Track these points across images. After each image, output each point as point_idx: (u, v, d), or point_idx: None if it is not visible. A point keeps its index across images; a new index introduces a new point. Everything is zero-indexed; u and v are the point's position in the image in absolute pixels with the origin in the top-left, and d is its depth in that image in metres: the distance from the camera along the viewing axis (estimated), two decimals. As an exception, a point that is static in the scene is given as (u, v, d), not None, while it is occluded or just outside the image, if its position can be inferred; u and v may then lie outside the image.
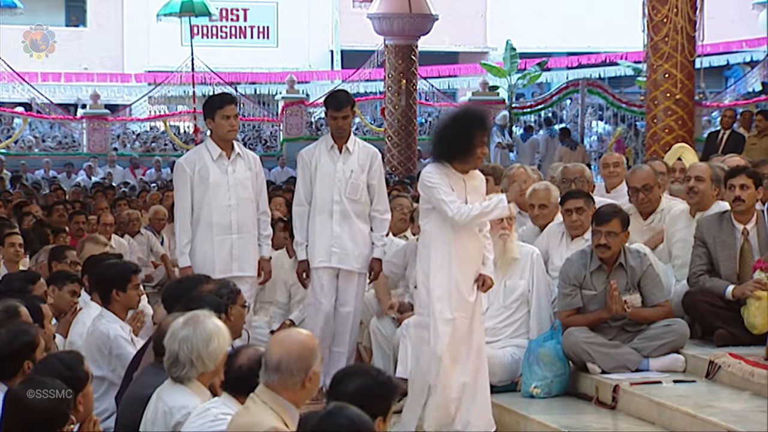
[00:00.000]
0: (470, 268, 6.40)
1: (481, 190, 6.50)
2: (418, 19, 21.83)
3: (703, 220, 7.41)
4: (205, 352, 4.66)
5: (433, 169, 6.44)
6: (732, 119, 16.35)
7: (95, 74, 30.58)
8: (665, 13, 13.21)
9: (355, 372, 3.98)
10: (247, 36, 32.46)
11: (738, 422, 5.71)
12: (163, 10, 26.44)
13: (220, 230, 7.45)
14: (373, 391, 3.88)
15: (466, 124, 6.39)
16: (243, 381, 4.36)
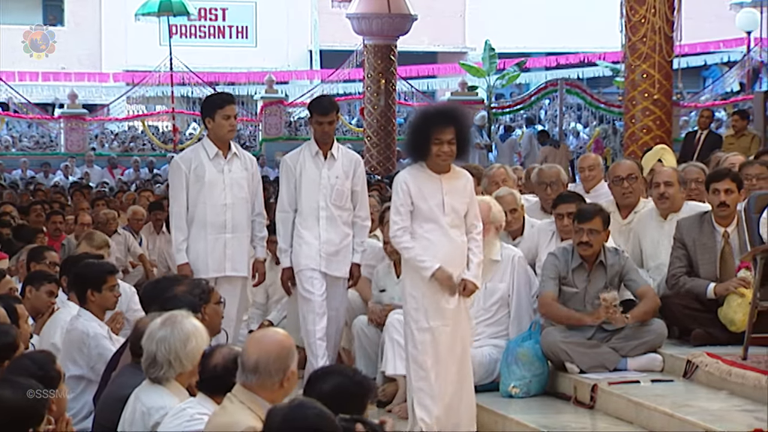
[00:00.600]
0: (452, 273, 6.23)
1: (467, 191, 6.34)
2: (397, 19, 21.84)
3: (684, 222, 7.41)
4: (182, 352, 4.65)
5: (402, 176, 6.36)
6: (709, 119, 16.40)
7: (73, 74, 30.46)
8: (643, 14, 13.26)
9: (331, 371, 3.99)
10: (226, 36, 32.41)
11: (716, 421, 5.73)
12: (141, 9, 26.37)
13: (214, 229, 7.41)
14: (348, 390, 3.89)
15: (420, 123, 6.32)
16: (218, 381, 4.36)
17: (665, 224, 7.71)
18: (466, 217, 6.34)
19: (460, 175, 6.38)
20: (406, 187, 6.26)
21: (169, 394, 4.66)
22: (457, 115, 6.36)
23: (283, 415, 3.60)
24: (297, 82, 30.70)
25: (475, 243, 6.36)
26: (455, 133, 6.22)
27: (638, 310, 6.93)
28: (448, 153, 6.21)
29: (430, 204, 6.24)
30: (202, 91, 27.40)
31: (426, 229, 6.24)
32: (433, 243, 6.22)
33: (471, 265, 6.31)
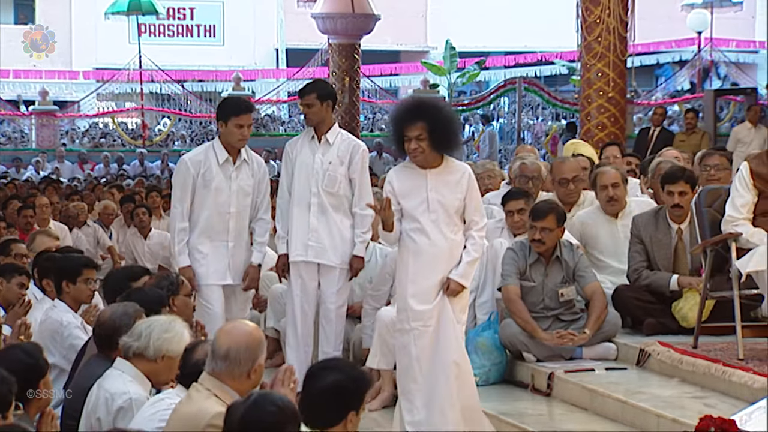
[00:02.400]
0: (432, 274, 5.92)
1: (461, 186, 5.95)
2: (361, 19, 21.81)
3: (639, 219, 7.44)
4: (156, 335, 4.69)
5: (389, 175, 6.11)
6: (662, 117, 16.50)
7: (43, 71, 30.22)
8: (598, 14, 13.32)
9: (329, 367, 3.96)
10: (194, 34, 32.25)
11: (667, 407, 5.77)
12: (110, 8, 26.22)
13: (216, 236, 7.06)
14: (346, 386, 3.87)
15: (392, 121, 6.06)
16: (198, 375, 4.34)
17: (617, 222, 7.75)
18: (464, 214, 6.00)
19: (454, 169, 6.00)
20: (390, 187, 6.00)
21: (132, 380, 4.69)
22: (426, 108, 5.94)
23: (242, 412, 3.60)
24: (263, 80, 30.59)
25: (472, 241, 5.99)
26: (426, 128, 5.85)
27: (592, 320, 6.92)
28: (417, 150, 5.88)
29: (413, 201, 5.95)
30: (171, 88, 27.29)
31: (411, 228, 5.95)
32: (415, 242, 5.93)
33: (461, 263, 5.95)
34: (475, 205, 6.03)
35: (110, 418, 4.64)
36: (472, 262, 5.99)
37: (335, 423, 3.82)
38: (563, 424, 6.12)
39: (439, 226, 5.93)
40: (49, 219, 11.16)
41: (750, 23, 32.25)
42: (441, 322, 5.92)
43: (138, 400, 4.61)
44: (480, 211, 6.07)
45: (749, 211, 6.24)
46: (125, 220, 12.04)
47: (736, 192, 6.28)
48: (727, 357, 6.21)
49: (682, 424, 5.22)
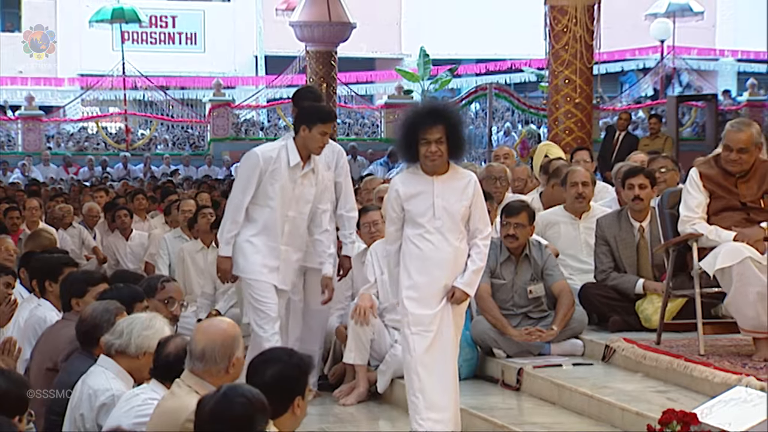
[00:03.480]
0: (435, 280, 5.66)
1: (467, 193, 5.66)
2: (338, 27, 21.80)
3: (603, 220, 7.48)
4: (137, 332, 4.69)
5: (394, 181, 5.83)
6: (627, 122, 16.57)
7: (29, 78, 30.04)
8: (565, 23, 13.36)
9: (268, 359, 3.98)
10: (176, 42, 32.12)
11: (631, 401, 5.78)
12: (94, 16, 26.17)
13: (271, 237, 6.70)
14: (287, 374, 3.89)
15: (407, 123, 5.70)
16: (170, 367, 4.35)
17: (580, 223, 7.78)
18: (468, 222, 5.72)
19: (460, 176, 5.71)
20: (396, 193, 5.70)
21: (115, 377, 4.68)
22: (446, 112, 5.68)
23: (211, 405, 3.59)
24: (243, 86, 30.52)
25: (476, 249, 5.71)
26: (444, 132, 5.58)
27: (559, 317, 6.94)
28: (436, 153, 5.58)
29: (419, 207, 5.66)
30: (153, 94, 27.21)
31: (415, 233, 5.65)
32: (419, 248, 5.65)
33: (466, 271, 5.69)
34: (480, 212, 5.74)
35: (93, 414, 4.63)
36: (477, 271, 5.71)
37: (283, 411, 3.84)
38: (532, 418, 6.12)
39: (443, 233, 5.65)
40: (39, 221, 11.11)
41: (710, 32, 32.43)
42: (442, 328, 5.65)
43: (120, 396, 4.58)
44: (484, 220, 5.77)
45: (703, 210, 6.28)
46: (108, 224, 11.99)
47: (688, 195, 6.33)
48: (689, 353, 6.23)
49: (646, 417, 5.22)
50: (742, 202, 6.25)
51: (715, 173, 6.30)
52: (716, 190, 6.27)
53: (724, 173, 6.28)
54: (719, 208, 6.26)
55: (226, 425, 3.55)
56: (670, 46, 27.95)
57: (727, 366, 5.87)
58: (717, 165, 6.32)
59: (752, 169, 6.27)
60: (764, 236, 6.04)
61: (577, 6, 13.34)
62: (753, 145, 6.19)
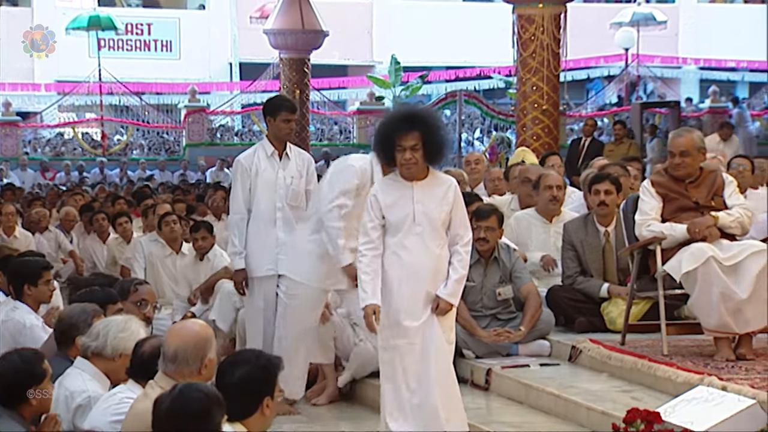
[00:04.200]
0: (417, 289, 5.45)
1: (447, 199, 5.46)
2: (310, 35, 21.76)
3: (570, 225, 7.53)
4: (113, 334, 4.68)
5: (374, 188, 5.64)
6: (593, 128, 16.63)
7: (7, 84, 29.82)
8: (533, 32, 13.40)
9: (237, 360, 3.97)
10: (151, 49, 31.95)
11: (596, 401, 5.80)
12: (71, 24, 26.03)
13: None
14: (255, 375, 3.88)
15: (383, 130, 5.53)
16: (145, 367, 4.36)
17: (551, 227, 7.81)
18: (449, 228, 5.52)
19: (440, 181, 5.51)
20: (374, 199, 5.51)
21: (91, 379, 4.68)
22: (422, 118, 5.45)
23: (168, 403, 3.59)
24: (218, 92, 30.41)
25: (458, 257, 5.49)
26: (420, 138, 5.36)
27: (527, 319, 6.97)
28: (410, 160, 5.37)
29: (399, 214, 5.46)
30: (129, 100, 27.09)
31: (395, 241, 5.45)
32: (399, 257, 5.44)
33: (449, 281, 5.46)
34: (461, 218, 5.54)
35: (69, 416, 4.62)
36: (460, 280, 5.50)
37: (252, 412, 3.84)
38: (500, 417, 6.13)
39: (424, 239, 5.44)
40: (15, 226, 11.02)
41: (674, 40, 32.60)
42: (427, 340, 5.42)
43: (96, 398, 4.58)
44: (465, 225, 5.57)
45: (657, 213, 6.37)
46: (85, 227, 11.92)
47: (642, 202, 6.44)
48: (653, 353, 6.26)
49: (611, 416, 5.24)
50: (694, 201, 6.37)
51: (666, 180, 6.45)
52: (669, 193, 6.40)
53: (675, 180, 6.42)
54: (674, 209, 6.37)
55: (183, 421, 3.55)
56: (635, 54, 28.09)
57: (689, 366, 5.90)
58: (667, 173, 6.47)
59: (701, 176, 6.42)
60: (714, 223, 6.14)
61: (544, 15, 13.39)
62: (694, 149, 6.34)
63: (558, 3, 13.46)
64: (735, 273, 6.01)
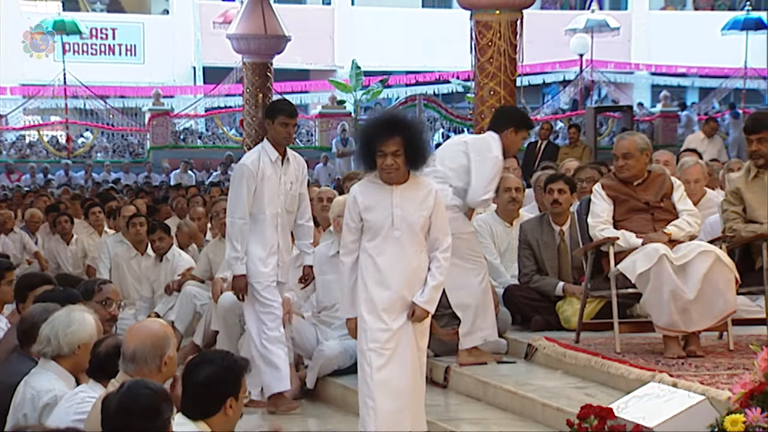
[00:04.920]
0: (394, 295, 5.28)
1: (427, 203, 5.31)
2: (273, 40, 21.67)
3: (526, 225, 7.56)
4: (62, 333, 4.65)
5: (353, 189, 5.44)
6: (549, 131, 16.70)
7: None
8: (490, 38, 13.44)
9: (204, 360, 3.96)
10: (116, 53, 31.71)
11: (552, 397, 5.83)
12: (37, 28, 25.75)
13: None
14: (219, 375, 3.87)
15: (365, 135, 5.37)
16: (102, 366, 4.36)
17: (512, 230, 7.83)
18: (428, 233, 5.35)
19: (420, 185, 5.35)
20: (354, 201, 5.35)
21: (57, 378, 4.64)
22: (404, 123, 5.31)
23: (117, 401, 3.57)
24: (181, 96, 30.24)
25: (436, 263, 5.32)
26: (401, 144, 5.22)
27: None
28: (392, 166, 5.23)
29: (377, 217, 5.30)
30: (94, 103, 26.88)
31: (372, 244, 5.28)
32: (376, 261, 5.27)
33: (426, 287, 5.28)
34: (441, 223, 5.36)
35: (36, 414, 4.60)
36: (437, 287, 5.32)
37: (215, 411, 3.82)
38: (459, 414, 6.14)
39: (402, 244, 5.26)
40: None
41: (626, 47, 32.83)
42: (400, 347, 5.27)
43: (63, 397, 4.54)
44: (445, 231, 5.39)
45: (608, 215, 6.43)
46: (50, 227, 11.83)
47: (594, 205, 6.50)
48: (606, 351, 6.30)
49: (566, 412, 5.26)
50: (645, 202, 6.43)
51: (616, 183, 6.52)
52: (619, 195, 6.46)
53: (623, 182, 6.49)
54: (625, 210, 6.44)
55: (133, 417, 3.53)
56: (589, 59, 28.26)
57: (641, 363, 5.94)
58: (616, 177, 6.54)
59: (648, 178, 6.49)
60: (669, 239, 6.20)
61: (501, 21, 13.42)
62: (637, 151, 6.42)
63: (514, 10, 13.49)
64: (684, 273, 6.07)
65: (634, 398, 4.76)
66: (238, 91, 24.25)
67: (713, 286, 6.03)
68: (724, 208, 6.63)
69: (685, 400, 4.59)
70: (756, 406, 4.26)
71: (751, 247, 6.45)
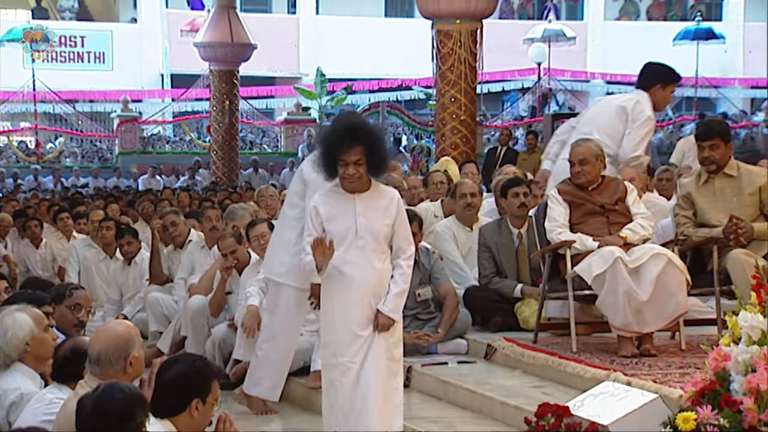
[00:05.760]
0: (359, 305, 5.06)
1: (390, 211, 5.09)
2: (239, 48, 21.63)
3: (485, 229, 7.58)
4: (3, 343, 4.65)
5: (314, 199, 5.19)
6: (508, 137, 16.75)
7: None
8: (451, 46, 13.48)
9: (177, 360, 3.97)
10: (85, 60, 31.50)
11: (510, 396, 5.84)
12: (6, 36, 25.59)
13: None
14: (187, 375, 3.85)
15: (325, 143, 5.12)
16: (62, 368, 4.36)
17: (472, 234, 7.85)
18: (392, 241, 5.13)
19: (382, 193, 5.13)
20: (315, 211, 5.11)
21: (23, 376, 4.63)
22: (365, 132, 5.05)
23: (91, 403, 3.54)
24: (150, 101, 30.08)
25: (399, 270, 5.10)
26: (363, 153, 4.98)
27: (445, 318, 7.00)
28: (354, 175, 5.00)
29: (341, 227, 5.06)
30: (63, 109, 26.69)
31: (336, 255, 5.01)
32: (341, 271, 5.05)
33: (389, 295, 5.06)
34: (404, 231, 5.15)
35: (3, 412, 4.59)
36: (401, 294, 5.10)
37: (180, 411, 3.80)
38: (420, 412, 6.13)
39: (366, 253, 5.04)
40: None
41: (582, 56, 33.03)
42: (369, 358, 5.03)
43: (29, 394, 4.54)
44: (408, 239, 5.17)
45: (565, 219, 6.47)
46: (18, 232, 11.70)
47: (550, 209, 6.54)
48: (563, 350, 6.32)
49: (524, 410, 5.27)
50: (600, 205, 6.48)
51: (571, 188, 6.57)
52: (575, 199, 6.51)
53: (578, 187, 6.54)
54: (581, 213, 6.48)
55: (107, 420, 3.50)
56: (546, 68, 28.40)
57: (596, 362, 5.97)
58: (572, 182, 6.59)
59: (603, 183, 6.55)
60: (623, 243, 6.24)
61: (461, 30, 13.48)
62: (593, 157, 6.49)
63: (474, 20, 13.56)
64: (638, 275, 6.11)
65: (590, 396, 4.77)
66: (205, 98, 24.15)
67: (666, 288, 6.08)
68: (676, 212, 6.69)
69: (639, 398, 4.61)
70: (707, 404, 4.28)
71: (702, 249, 6.51)
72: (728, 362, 4.38)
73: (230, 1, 21.75)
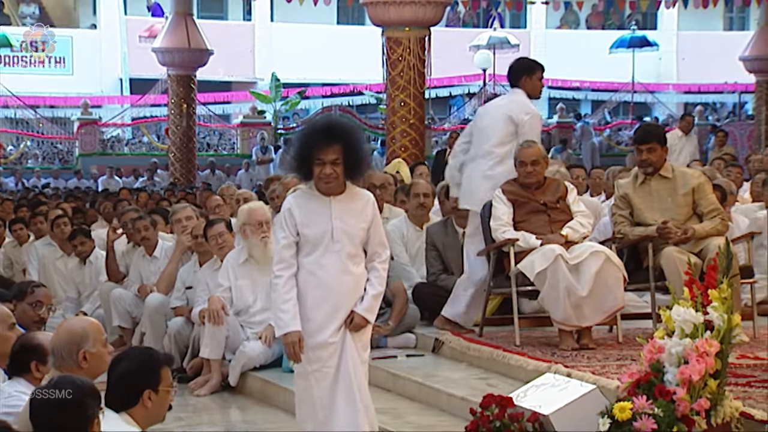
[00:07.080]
0: (334, 310, 4.73)
1: (366, 214, 4.74)
2: (196, 53, 21.47)
3: (432, 228, 7.60)
4: None
5: (288, 201, 4.80)
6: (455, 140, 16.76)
7: None
8: (400, 53, 13.50)
9: (126, 355, 3.93)
10: (46, 65, 31.08)
11: (457, 388, 5.86)
12: (-28, 42, 25.20)
13: None
14: (134, 369, 3.82)
15: (301, 142, 4.77)
16: (14, 362, 4.30)
17: (422, 233, 7.85)
18: (367, 244, 4.80)
19: (358, 196, 4.77)
20: (289, 214, 4.73)
21: None
22: (344, 131, 4.70)
23: (41, 395, 3.51)
24: (109, 105, 29.76)
25: (375, 273, 4.78)
26: (341, 153, 4.63)
27: (395, 314, 7.00)
28: (331, 175, 4.64)
29: (316, 230, 4.70)
30: (24, 113, 26.34)
31: (310, 259, 4.71)
32: (315, 276, 4.72)
33: (366, 296, 4.75)
34: (380, 235, 4.82)
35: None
36: (377, 296, 4.80)
37: (134, 403, 3.77)
38: (370, 404, 6.12)
39: (342, 257, 4.70)
40: None
41: (526, 62, 33.17)
42: (343, 361, 4.75)
43: None
44: (383, 243, 4.85)
45: (509, 218, 6.51)
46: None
47: (495, 209, 6.56)
48: (507, 344, 6.35)
49: (469, 401, 5.28)
50: (542, 204, 6.53)
51: (516, 188, 6.60)
52: (518, 198, 6.55)
53: (523, 187, 6.58)
54: (525, 212, 6.52)
55: (59, 412, 3.45)
56: (492, 74, 28.54)
57: (539, 355, 6.00)
58: (516, 182, 6.62)
59: (545, 183, 6.61)
60: (565, 241, 6.29)
61: (410, 38, 13.51)
62: (541, 158, 6.58)
63: (423, 27, 13.59)
64: (577, 272, 6.16)
65: (532, 388, 4.80)
66: (164, 102, 23.93)
67: (604, 284, 6.13)
68: (614, 212, 6.74)
69: (578, 389, 4.64)
70: (642, 395, 4.33)
71: (639, 247, 6.57)
72: (662, 354, 4.43)
73: (187, 7, 21.59)
